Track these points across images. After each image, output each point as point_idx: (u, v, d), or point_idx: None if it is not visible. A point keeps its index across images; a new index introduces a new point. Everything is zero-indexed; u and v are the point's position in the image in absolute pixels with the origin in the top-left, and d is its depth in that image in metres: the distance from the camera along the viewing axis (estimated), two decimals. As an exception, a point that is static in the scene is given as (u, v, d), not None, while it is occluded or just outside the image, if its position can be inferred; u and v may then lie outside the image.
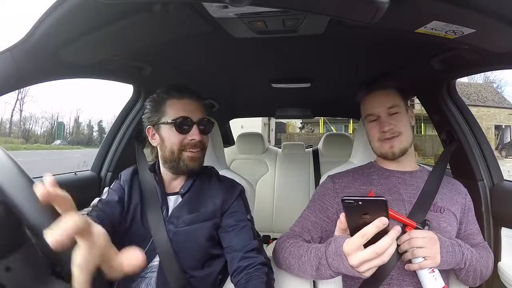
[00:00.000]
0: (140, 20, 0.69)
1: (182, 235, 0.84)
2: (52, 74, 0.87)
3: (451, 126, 1.16)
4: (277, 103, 2.17)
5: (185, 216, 0.86)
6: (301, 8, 0.58)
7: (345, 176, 0.94)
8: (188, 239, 0.84)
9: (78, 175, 1.29)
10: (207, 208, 0.87)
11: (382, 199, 0.58)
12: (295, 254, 0.79)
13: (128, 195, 0.89)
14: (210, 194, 0.90)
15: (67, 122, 32.90)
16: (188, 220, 0.85)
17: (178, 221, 0.85)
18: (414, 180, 0.89)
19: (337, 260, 0.65)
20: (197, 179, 0.92)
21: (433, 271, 0.73)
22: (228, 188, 0.92)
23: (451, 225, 0.84)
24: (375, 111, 0.91)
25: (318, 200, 0.93)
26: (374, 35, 0.85)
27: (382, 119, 0.89)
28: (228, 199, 0.89)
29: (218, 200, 0.88)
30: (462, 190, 0.92)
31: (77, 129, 33.30)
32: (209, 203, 0.88)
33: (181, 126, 0.85)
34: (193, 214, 0.86)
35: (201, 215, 0.86)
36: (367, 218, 0.59)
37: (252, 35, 0.82)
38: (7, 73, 0.72)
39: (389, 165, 0.93)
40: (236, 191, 0.92)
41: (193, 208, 0.87)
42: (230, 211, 0.88)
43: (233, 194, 0.91)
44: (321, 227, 0.89)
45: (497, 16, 0.59)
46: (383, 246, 0.58)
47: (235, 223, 0.87)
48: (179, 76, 1.36)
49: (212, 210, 0.87)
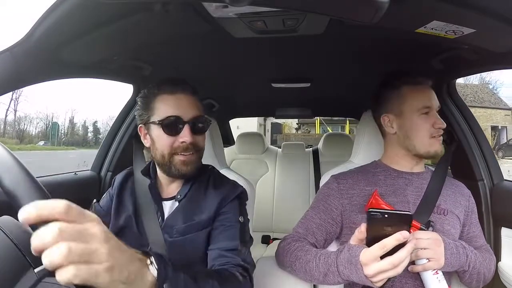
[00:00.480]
0: (140, 20, 0.69)
1: (177, 245, 0.78)
2: (52, 74, 0.87)
3: (451, 126, 1.16)
4: (277, 103, 2.17)
5: (179, 225, 0.79)
6: (301, 8, 0.58)
7: (350, 177, 0.92)
8: (184, 250, 0.78)
9: (78, 175, 1.29)
10: (202, 216, 0.80)
11: (408, 213, 0.60)
12: (302, 259, 0.78)
13: (118, 203, 0.84)
14: (207, 199, 0.83)
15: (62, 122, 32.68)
16: (182, 230, 0.78)
17: (172, 230, 0.79)
18: (419, 181, 0.88)
19: (349, 268, 0.66)
20: (195, 183, 0.85)
21: (436, 273, 0.73)
22: (227, 191, 0.84)
23: (455, 227, 0.84)
24: (433, 103, 0.86)
25: (322, 201, 0.92)
26: (374, 35, 0.85)
27: (435, 114, 0.85)
28: (223, 202, 0.82)
29: (214, 205, 0.81)
30: (465, 192, 0.91)
31: (72, 129, 33.01)
32: (205, 210, 0.81)
33: (170, 127, 0.77)
34: (187, 224, 0.79)
35: (196, 225, 0.79)
36: (388, 230, 0.60)
37: (252, 35, 0.82)
38: (7, 73, 0.71)
39: (400, 166, 0.90)
40: (234, 194, 0.84)
41: (187, 216, 0.80)
42: (221, 213, 0.81)
43: (229, 197, 0.83)
44: (326, 229, 0.88)
45: (497, 16, 0.59)
46: (400, 258, 0.60)
47: (221, 224, 0.79)
48: (179, 76, 1.36)
49: (207, 217, 0.80)
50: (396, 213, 0.61)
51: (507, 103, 17.96)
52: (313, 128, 17.31)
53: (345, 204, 0.88)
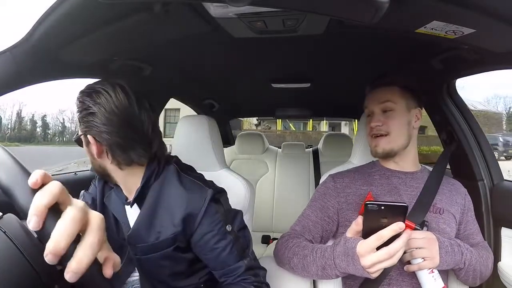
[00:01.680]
0: (140, 20, 0.69)
1: (144, 262, 0.73)
2: (52, 74, 0.87)
3: (451, 126, 1.16)
4: (277, 103, 2.17)
5: (141, 244, 0.71)
6: (301, 8, 0.58)
7: (346, 176, 0.94)
8: (152, 267, 0.73)
9: (78, 175, 1.30)
10: (166, 231, 0.70)
11: (404, 205, 0.62)
12: (299, 254, 0.79)
13: (101, 196, 0.80)
14: (169, 209, 0.70)
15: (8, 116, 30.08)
16: (146, 248, 0.71)
17: (136, 248, 0.72)
18: (414, 181, 0.89)
19: (346, 260, 0.67)
20: (153, 183, 0.72)
21: (432, 272, 0.73)
22: (192, 201, 0.69)
23: (450, 226, 0.84)
24: (369, 107, 0.91)
25: (319, 199, 0.93)
26: (374, 35, 0.85)
27: (374, 115, 0.89)
28: (194, 217, 0.68)
29: (178, 219, 0.68)
30: (462, 191, 0.92)
31: (20, 124, 30.72)
32: (168, 224, 0.70)
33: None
34: (149, 243, 0.71)
35: (159, 244, 0.70)
36: (384, 222, 0.62)
37: (252, 35, 0.82)
38: (7, 73, 0.72)
39: (389, 165, 0.92)
40: (203, 202, 0.69)
41: (149, 230, 0.70)
42: (201, 233, 0.69)
43: (199, 208, 0.69)
44: (322, 227, 0.89)
45: (497, 16, 0.58)
46: (396, 248, 0.62)
47: (213, 247, 0.69)
48: (179, 76, 1.36)
49: (172, 234, 0.69)
50: (393, 204, 0.63)
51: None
52: (274, 124, 16.68)
53: (341, 202, 0.89)
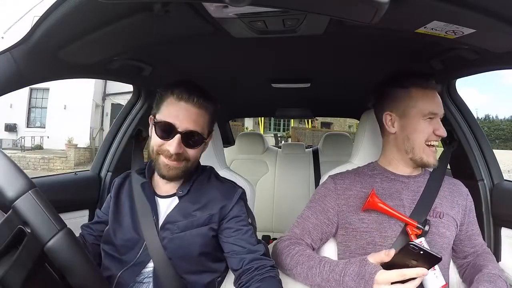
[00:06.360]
0: (140, 20, 0.69)
1: (176, 241, 0.81)
2: (52, 74, 0.87)
3: (451, 126, 1.16)
4: (277, 103, 2.17)
5: (180, 221, 0.82)
6: (301, 8, 0.58)
7: (347, 178, 0.92)
8: (182, 245, 0.81)
9: (78, 175, 1.30)
10: (203, 213, 0.83)
11: (439, 257, 0.64)
12: (305, 264, 0.79)
13: (115, 204, 0.87)
14: (208, 198, 0.86)
15: None
16: (183, 225, 0.82)
17: (173, 226, 0.82)
18: (416, 185, 0.88)
19: (358, 282, 0.69)
20: (195, 181, 0.88)
21: (434, 269, 0.73)
22: (228, 191, 0.88)
23: (450, 230, 0.84)
24: (439, 111, 0.84)
25: (319, 201, 0.92)
26: (374, 35, 0.85)
27: (438, 121, 0.84)
28: (228, 204, 0.85)
29: (216, 204, 0.85)
30: (463, 191, 0.91)
31: None
32: (206, 208, 0.84)
33: (162, 131, 0.78)
34: (188, 220, 0.82)
35: (196, 221, 0.82)
36: (411, 263, 0.64)
37: (252, 35, 0.82)
38: (7, 73, 0.72)
39: (397, 169, 0.90)
40: (237, 195, 0.88)
41: (188, 212, 0.84)
42: (231, 216, 0.85)
43: (233, 198, 0.87)
44: (322, 229, 0.89)
45: (497, 16, 0.58)
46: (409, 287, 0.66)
47: (238, 228, 0.83)
48: (179, 76, 1.35)
49: (209, 215, 0.83)
50: (432, 253, 0.64)
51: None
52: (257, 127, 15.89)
53: (341, 204, 0.88)
